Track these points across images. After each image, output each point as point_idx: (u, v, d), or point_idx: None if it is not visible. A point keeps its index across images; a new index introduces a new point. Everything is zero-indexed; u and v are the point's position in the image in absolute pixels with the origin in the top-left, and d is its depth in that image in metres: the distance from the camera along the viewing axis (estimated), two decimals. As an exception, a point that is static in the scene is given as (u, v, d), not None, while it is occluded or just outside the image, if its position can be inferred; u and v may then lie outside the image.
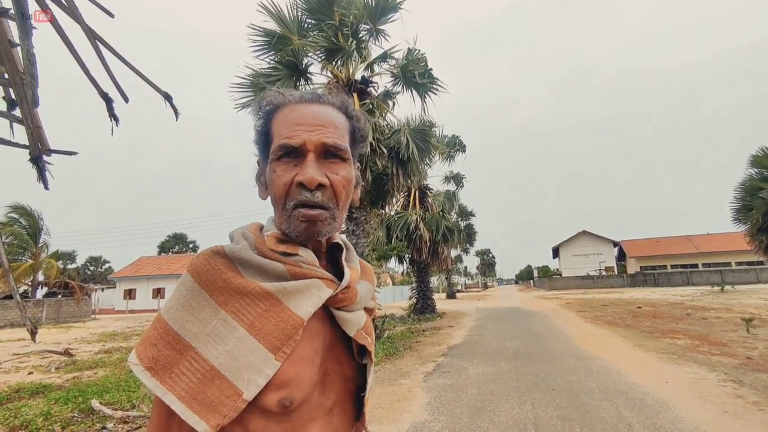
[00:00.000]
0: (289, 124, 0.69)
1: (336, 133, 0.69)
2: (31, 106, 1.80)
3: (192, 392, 0.59)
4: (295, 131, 0.67)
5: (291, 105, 0.72)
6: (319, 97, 0.74)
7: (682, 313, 13.54)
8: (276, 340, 0.62)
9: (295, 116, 0.69)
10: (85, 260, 60.98)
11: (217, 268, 0.65)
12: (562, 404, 4.59)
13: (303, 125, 0.68)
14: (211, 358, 0.61)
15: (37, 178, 2.06)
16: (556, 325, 11.99)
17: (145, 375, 0.61)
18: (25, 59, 1.79)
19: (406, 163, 9.76)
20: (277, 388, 0.61)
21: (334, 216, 0.68)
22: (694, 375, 5.62)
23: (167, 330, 0.63)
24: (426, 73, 9.96)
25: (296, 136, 0.67)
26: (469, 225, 26.09)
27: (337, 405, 0.71)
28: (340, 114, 0.74)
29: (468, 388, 5.46)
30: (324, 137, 0.67)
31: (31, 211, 23.73)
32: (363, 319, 0.74)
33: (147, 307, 34.32)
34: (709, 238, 47.29)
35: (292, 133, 0.67)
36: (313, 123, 0.68)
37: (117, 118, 2.61)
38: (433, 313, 17.64)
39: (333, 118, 0.71)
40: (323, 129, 0.68)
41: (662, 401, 4.56)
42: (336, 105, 0.74)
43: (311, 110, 0.70)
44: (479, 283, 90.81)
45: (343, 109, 0.75)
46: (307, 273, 0.67)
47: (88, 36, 2.35)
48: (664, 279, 40.19)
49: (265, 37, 8.94)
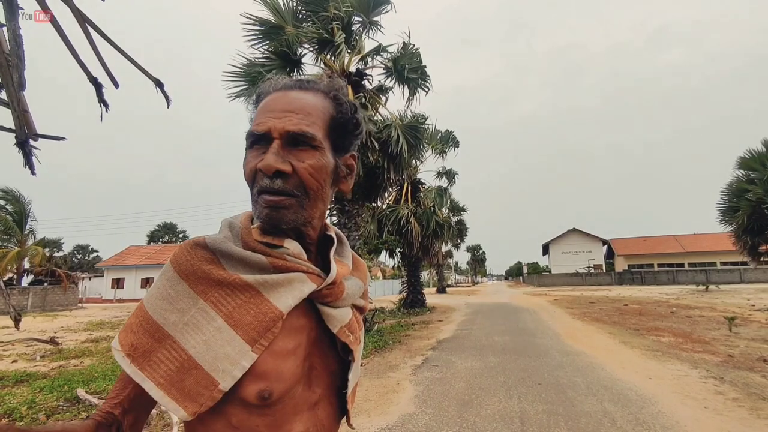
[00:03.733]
0: (262, 112, 0.68)
1: (306, 119, 0.66)
2: (17, 88, 1.76)
3: (170, 380, 0.59)
4: (263, 119, 0.66)
5: (273, 93, 0.70)
6: (302, 84, 0.72)
7: (667, 311, 13.78)
8: (254, 332, 0.61)
9: (269, 103, 0.68)
10: (72, 248, 60.18)
11: (197, 259, 0.65)
12: (548, 399, 4.65)
13: (273, 112, 0.67)
14: (189, 347, 0.60)
15: (24, 163, 2.01)
16: (545, 321, 12.13)
17: (125, 361, 0.61)
18: (11, 40, 1.75)
19: (396, 158, 9.75)
20: (255, 380, 0.61)
21: (302, 204, 0.66)
22: (677, 372, 5.73)
23: (147, 318, 0.63)
24: (419, 68, 9.94)
25: (263, 123, 0.66)
26: (460, 221, 26.24)
27: (323, 399, 0.71)
28: (325, 100, 0.71)
29: (456, 382, 5.51)
30: (289, 124, 0.65)
31: (19, 196, 23.29)
32: (348, 316, 0.73)
33: (135, 296, 34.02)
34: (695, 238, 48.09)
35: (260, 120, 0.67)
36: (283, 109, 0.66)
37: (107, 103, 2.56)
38: (423, 307, 17.74)
39: (307, 104, 0.68)
40: (291, 116, 0.66)
41: (645, 397, 4.65)
42: (322, 91, 0.72)
43: (286, 97, 0.69)
44: (469, 279, 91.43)
45: (329, 95, 0.72)
46: (291, 266, 0.66)
47: (78, 19, 2.30)
48: (651, 277, 40.82)
49: (259, 26, 8.84)
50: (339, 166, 0.72)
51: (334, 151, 0.71)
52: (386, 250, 19.04)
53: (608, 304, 17.08)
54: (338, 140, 0.72)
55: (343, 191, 0.77)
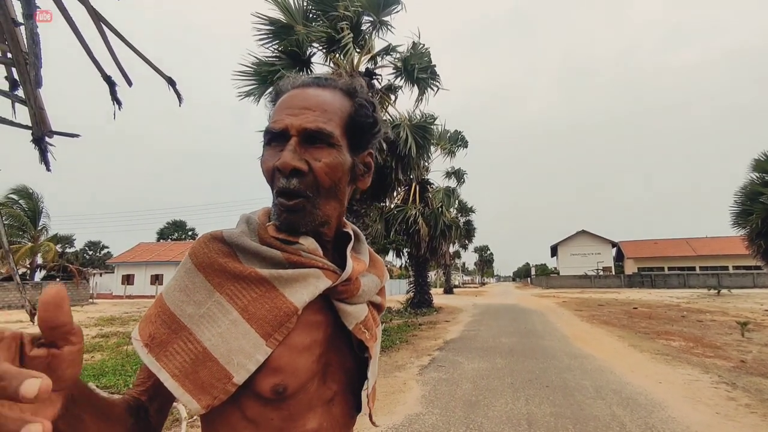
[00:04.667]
0: (279, 109, 0.68)
1: (323, 116, 0.66)
2: (34, 86, 1.78)
3: (185, 372, 0.59)
4: (280, 116, 0.66)
5: (291, 90, 0.71)
6: (320, 81, 0.72)
7: (677, 315, 13.61)
8: (268, 326, 0.62)
9: (287, 101, 0.68)
10: (84, 244, 61.04)
11: (214, 252, 0.65)
12: (556, 401, 4.62)
13: (290, 109, 0.67)
14: (204, 339, 0.60)
15: (39, 160, 2.04)
16: (552, 323, 12.05)
17: (143, 351, 0.61)
18: (28, 39, 1.78)
19: (405, 158, 9.75)
20: (270, 374, 0.61)
21: (315, 204, 0.66)
22: (688, 376, 5.65)
23: (165, 309, 0.63)
24: (428, 68, 9.93)
25: (280, 120, 0.66)
26: (468, 221, 26.11)
27: (338, 395, 0.71)
28: (343, 97, 0.71)
29: (463, 383, 5.49)
30: (306, 122, 0.65)
31: (32, 192, 23.67)
32: (363, 313, 0.73)
33: (145, 292, 34.40)
34: (707, 242, 47.39)
35: (277, 117, 0.67)
36: (300, 106, 0.66)
37: (120, 102, 2.59)
38: (430, 308, 17.70)
39: (324, 101, 0.68)
40: (308, 113, 0.65)
41: (655, 401, 4.60)
42: (339, 88, 0.72)
43: (304, 94, 0.68)
44: (477, 280, 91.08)
45: (347, 92, 0.72)
46: (306, 262, 0.66)
47: (93, 18, 2.33)
48: (661, 281, 40.32)
49: (269, 25, 8.88)
50: (356, 164, 0.72)
51: (352, 148, 0.70)
52: (394, 250, 19.05)
53: (617, 307, 16.91)
54: (356, 138, 0.71)
55: (360, 189, 0.76)
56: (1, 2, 1.90)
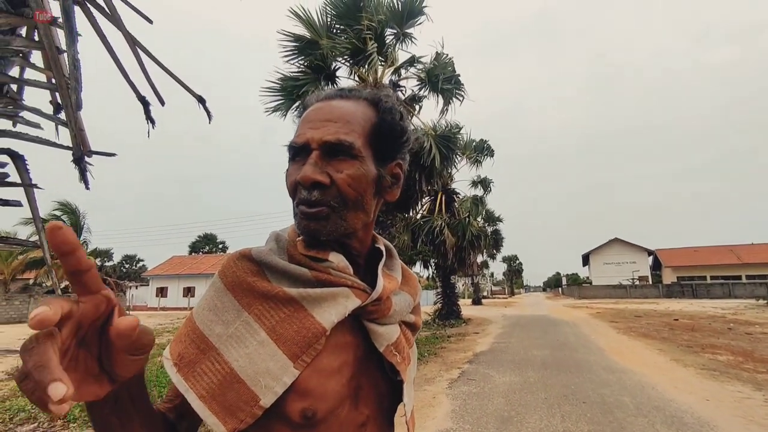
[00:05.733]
0: (303, 123, 0.68)
1: (344, 128, 0.65)
2: (74, 109, 1.87)
3: (212, 393, 0.59)
4: (303, 130, 0.66)
5: (315, 104, 0.70)
6: (344, 92, 0.71)
7: (723, 327, 12.84)
8: (296, 347, 0.60)
9: (310, 114, 0.68)
10: (121, 258, 63.54)
11: (243, 271, 0.65)
12: (594, 418, 4.42)
13: (311, 122, 0.66)
14: (232, 360, 0.60)
15: (79, 179, 2.14)
16: (587, 335, 11.61)
17: (172, 370, 0.61)
18: (70, 64, 1.87)
19: (427, 169, 9.71)
20: (299, 398, 0.60)
21: (342, 216, 0.64)
22: (738, 393, 5.30)
23: (194, 329, 0.63)
24: (452, 78, 9.91)
25: (302, 134, 0.65)
26: (496, 231, 25.64)
27: (370, 420, 0.68)
28: (367, 107, 0.69)
29: (494, 397, 5.34)
30: (327, 134, 0.64)
31: (75, 208, 24.92)
32: (395, 334, 0.70)
33: (178, 304, 35.41)
34: (753, 248, 44.81)
35: (300, 131, 0.66)
36: (322, 119, 0.66)
37: (154, 120, 2.69)
38: (458, 319, 17.42)
39: (346, 112, 0.67)
40: (330, 125, 0.65)
41: (703, 420, 4.32)
42: (364, 98, 0.70)
43: (327, 106, 0.68)
44: (505, 290, 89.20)
45: (372, 101, 0.70)
46: (335, 280, 0.64)
47: (129, 42, 2.44)
48: (703, 290, 38.30)
49: (294, 42, 9.11)
50: (382, 175, 0.69)
51: (378, 159, 0.68)
52: (420, 261, 18.91)
53: (656, 319, 16.14)
54: (381, 148, 0.69)
55: (388, 201, 0.74)
56: (47, 32, 2.02)
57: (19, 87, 2.03)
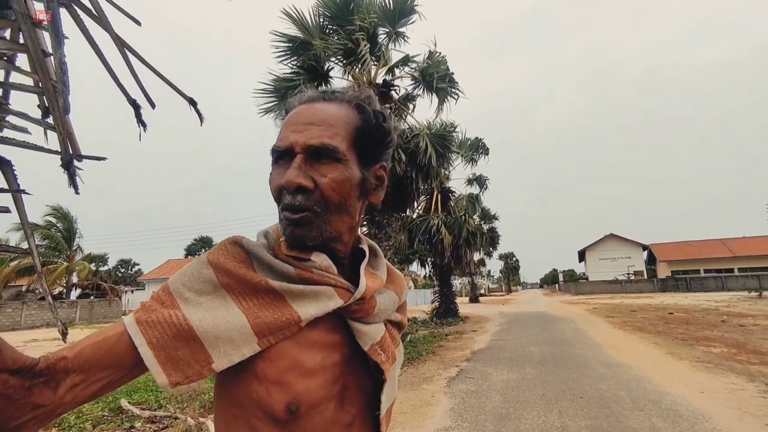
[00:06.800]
0: (286, 126, 0.68)
1: (328, 131, 0.64)
2: (62, 113, 1.85)
3: (162, 343, 0.57)
4: (286, 133, 0.66)
5: (298, 106, 0.70)
6: (327, 95, 0.71)
7: (717, 319, 12.96)
8: (266, 328, 0.60)
9: (293, 117, 0.68)
10: (117, 262, 63.07)
11: (231, 256, 0.65)
12: (592, 413, 4.44)
13: (294, 126, 0.66)
14: (193, 320, 0.59)
15: (68, 183, 2.11)
16: (583, 331, 11.67)
17: (130, 319, 0.60)
18: (57, 68, 1.85)
19: (424, 168, 9.71)
20: (282, 392, 0.60)
21: (326, 220, 0.64)
22: (732, 385, 5.35)
23: (164, 289, 0.64)
24: (446, 76, 9.89)
25: (286, 138, 0.65)
26: (492, 228, 25.69)
27: (357, 419, 0.68)
28: (349, 110, 0.69)
29: (492, 395, 5.35)
30: (311, 138, 0.63)
31: (67, 213, 24.71)
32: (379, 333, 0.70)
33: (174, 308, 35.14)
34: (745, 242, 45.26)
35: (283, 135, 0.66)
36: (304, 122, 0.65)
37: (145, 123, 2.67)
38: (455, 317, 17.45)
39: (330, 115, 0.66)
40: (313, 128, 0.64)
41: (698, 412, 4.36)
42: (346, 100, 0.70)
43: (310, 110, 0.68)
44: (503, 287, 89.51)
45: (355, 104, 0.70)
46: (318, 279, 0.64)
47: (117, 44, 2.41)
48: (697, 284, 38.66)
49: (287, 42, 9.07)
50: (367, 178, 0.69)
51: (361, 162, 0.69)
52: (417, 259, 18.91)
53: (651, 313, 16.27)
54: (365, 151, 0.69)
55: (372, 204, 0.74)
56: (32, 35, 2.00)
57: (4, 91, 2.00)
